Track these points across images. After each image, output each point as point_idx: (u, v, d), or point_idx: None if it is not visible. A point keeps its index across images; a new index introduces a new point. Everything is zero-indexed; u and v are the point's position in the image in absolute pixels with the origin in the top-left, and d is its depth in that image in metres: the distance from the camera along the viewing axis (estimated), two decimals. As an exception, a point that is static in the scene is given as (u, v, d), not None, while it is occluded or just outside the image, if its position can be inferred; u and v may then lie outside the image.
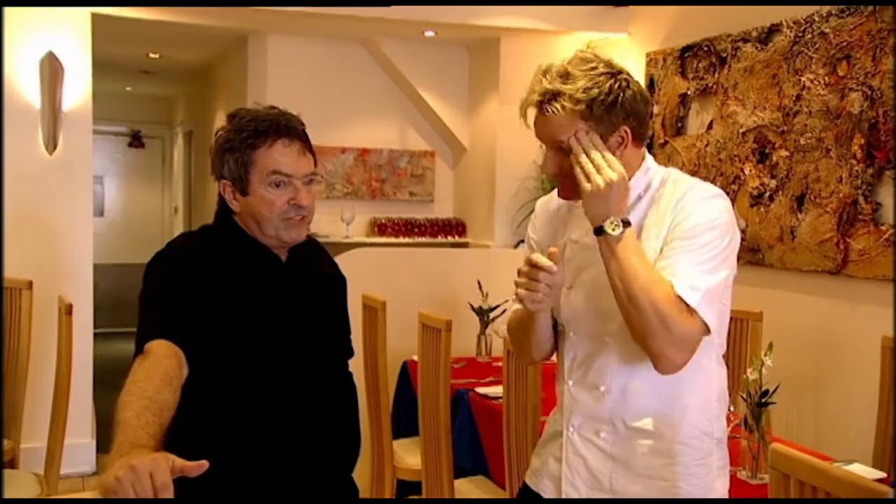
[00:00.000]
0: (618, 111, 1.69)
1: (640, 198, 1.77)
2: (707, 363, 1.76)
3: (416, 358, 3.53)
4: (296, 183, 1.85)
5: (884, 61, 3.57)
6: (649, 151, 1.82)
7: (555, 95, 1.68)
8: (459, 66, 6.08)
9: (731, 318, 1.83)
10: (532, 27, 5.18)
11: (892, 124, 3.53)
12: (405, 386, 3.91)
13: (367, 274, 4.03)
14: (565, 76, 1.68)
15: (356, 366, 2.07)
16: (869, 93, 3.62)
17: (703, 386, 1.78)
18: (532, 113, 1.74)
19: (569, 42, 5.35)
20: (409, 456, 3.63)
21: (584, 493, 1.82)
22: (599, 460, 1.80)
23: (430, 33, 5.52)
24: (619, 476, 1.78)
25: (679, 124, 4.72)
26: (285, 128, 1.85)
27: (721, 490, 1.82)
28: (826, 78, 3.83)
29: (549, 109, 1.69)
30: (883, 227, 3.56)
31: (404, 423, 3.78)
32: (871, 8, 3.63)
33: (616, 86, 1.68)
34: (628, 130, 1.72)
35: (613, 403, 1.77)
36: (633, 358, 1.74)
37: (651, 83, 4.91)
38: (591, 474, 1.80)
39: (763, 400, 2.36)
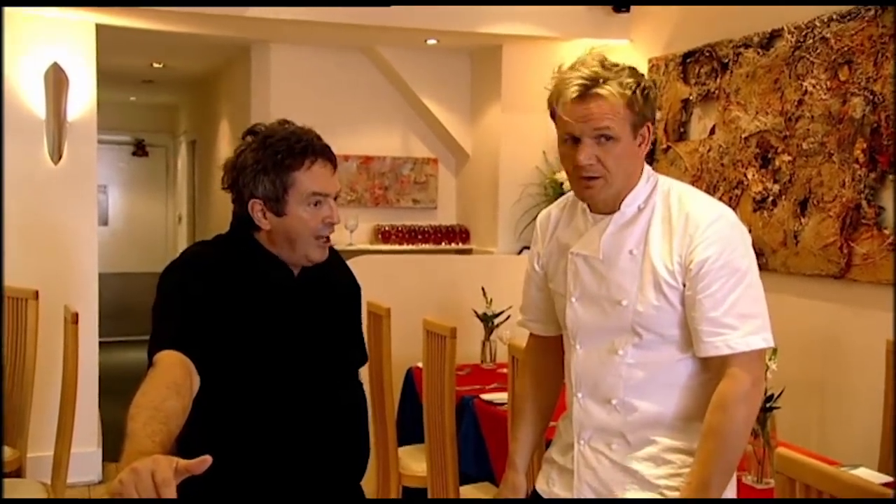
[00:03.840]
0: (651, 105, 1.73)
1: (640, 210, 1.77)
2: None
3: (420, 365, 3.53)
4: (330, 201, 1.89)
5: (885, 66, 3.57)
6: (652, 156, 1.84)
7: (606, 79, 1.68)
8: (461, 73, 6.09)
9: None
10: (534, 34, 5.19)
11: (894, 129, 3.53)
12: (410, 393, 3.91)
13: (371, 281, 3.99)
14: (605, 66, 1.70)
15: (361, 373, 2.07)
16: (871, 97, 3.63)
17: None
18: (567, 106, 1.70)
19: (570, 49, 5.34)
20: (414, 463, 3.63)
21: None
22: (610, 471, 1.80)
23: (432, 41, 5.54)
24: (631, 487, 1.78)
25: (681, 130, 4.72)
26: (320, 148, 1.88)
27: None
28: (828, 83, 3.83)
29: (603, 91, 1.67)
30: (886, 232, 3.56)
31: (409, 429, 3.78)
32: (872, 13, 3.64)
33: (648, 82, 1.73)
34: (651, 129, 1.76)
35: (626, 416, 1.77)
36: (646, 372, 1.74)
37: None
38: (603, 485, 1.80)
39: (768, 404, 2.37)
